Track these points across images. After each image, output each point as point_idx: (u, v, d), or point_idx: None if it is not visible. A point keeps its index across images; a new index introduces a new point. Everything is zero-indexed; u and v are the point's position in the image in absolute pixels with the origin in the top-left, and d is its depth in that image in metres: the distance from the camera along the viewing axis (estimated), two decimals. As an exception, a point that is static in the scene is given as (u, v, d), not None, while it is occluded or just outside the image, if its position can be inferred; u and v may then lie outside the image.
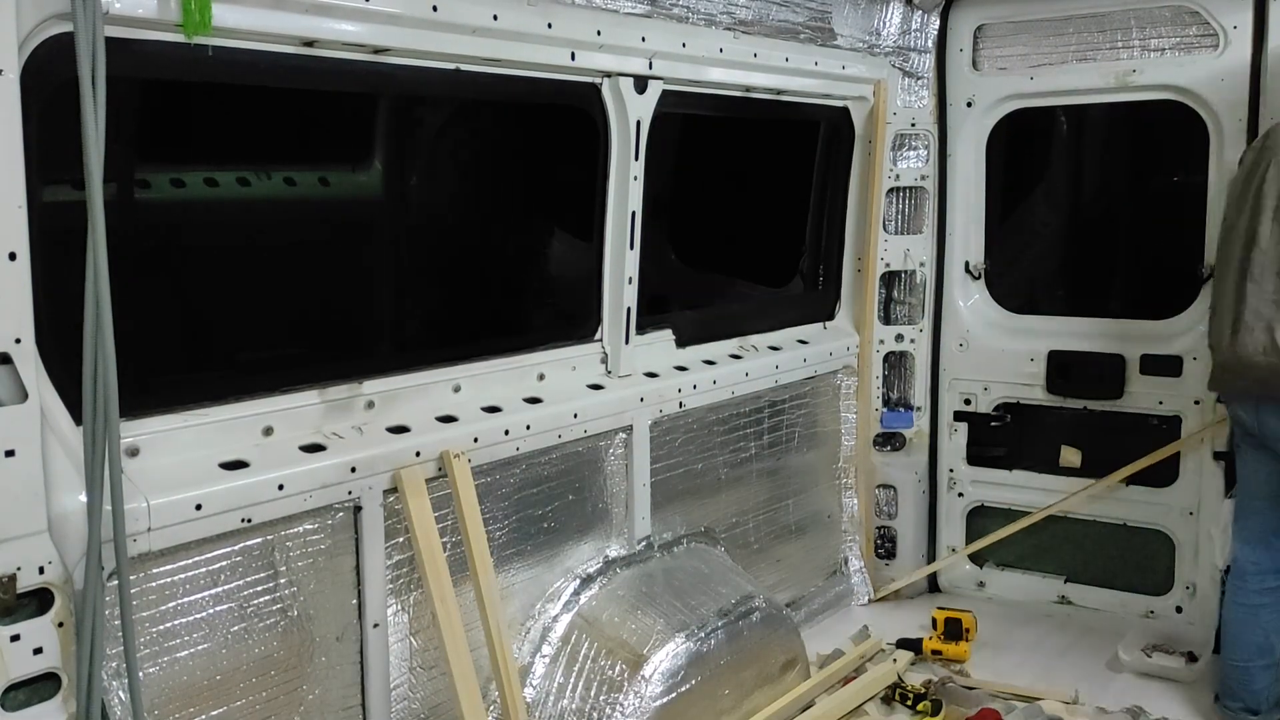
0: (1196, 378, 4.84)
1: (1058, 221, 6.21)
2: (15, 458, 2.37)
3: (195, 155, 4.31)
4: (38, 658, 2.45)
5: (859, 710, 4.41)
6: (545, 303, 5.33)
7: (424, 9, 3.15)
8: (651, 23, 3.93)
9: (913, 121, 5.35)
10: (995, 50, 5.27)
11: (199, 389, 3.03)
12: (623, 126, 3.98)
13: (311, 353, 4.27)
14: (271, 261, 4.37)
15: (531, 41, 3.51)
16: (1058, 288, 6.23)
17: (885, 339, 5.52)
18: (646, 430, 4.27)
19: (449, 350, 3.76)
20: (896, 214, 5.49)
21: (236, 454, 3.01)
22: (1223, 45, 4.72)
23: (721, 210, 5.93)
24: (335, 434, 3.26)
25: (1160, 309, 5.07)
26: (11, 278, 2.36)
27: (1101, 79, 5.02)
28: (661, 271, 5.77)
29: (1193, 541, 4.97)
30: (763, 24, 4.46)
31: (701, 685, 3.89)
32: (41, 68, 2.43)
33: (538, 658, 3.85)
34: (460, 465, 3.44)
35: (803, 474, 5.29)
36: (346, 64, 3.14)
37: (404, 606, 3.42)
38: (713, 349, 4.75)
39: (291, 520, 3.07)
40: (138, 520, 2.65)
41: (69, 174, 2.48)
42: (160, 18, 2.58)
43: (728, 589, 4.26)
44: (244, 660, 3.00)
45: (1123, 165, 6.14)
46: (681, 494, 4.56)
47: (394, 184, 4.99)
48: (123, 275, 2.50)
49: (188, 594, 2.86)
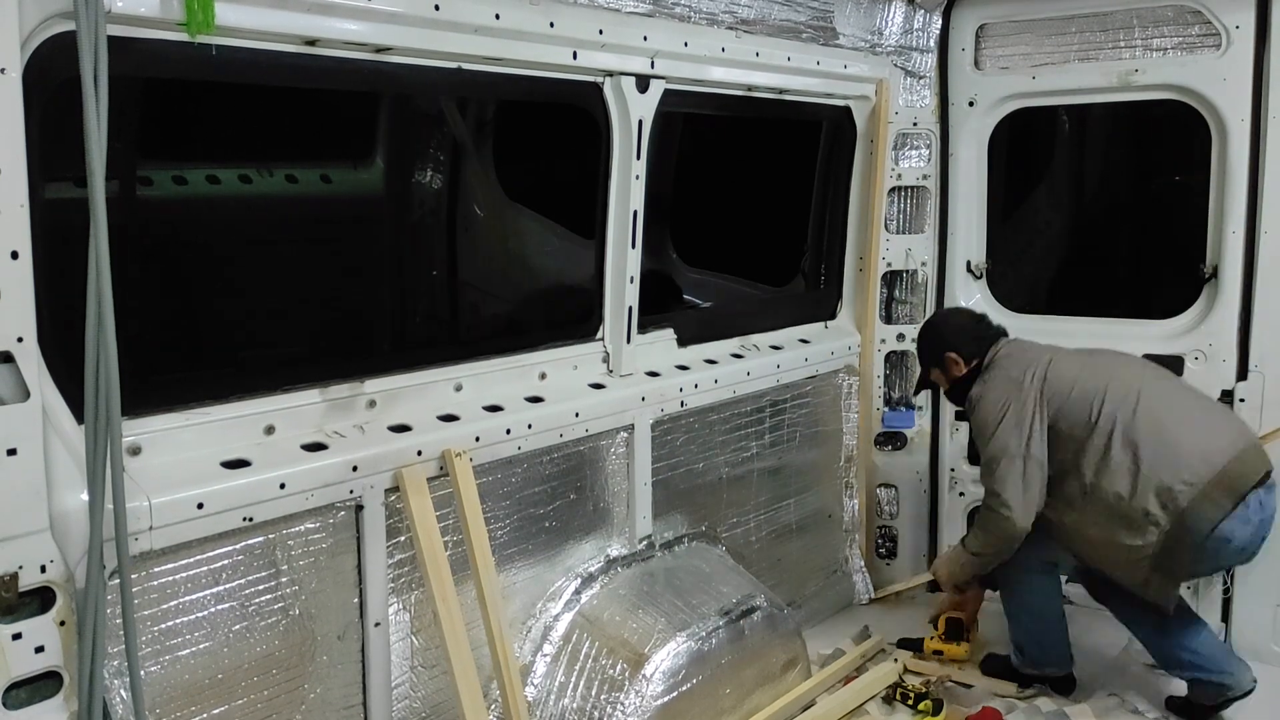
0: (1198, 378, 4.84)
1: (1059, 221, 6.21)
2: (17, 456, 2.37)
3: (197, 153, 4.31)
4: (39, 656, 2.46)
5: (860, 710, 4.41)
6: (547, 301, 5.32)
7: (426, 8, 3.15)
8: (653, 22, 3.93)
9: (915, 121, 5.34)
10: (997, 49, 5.26)
11: (201, 387, 3.03)
12: (624, 126, 3.98)
13: (313, 351, 4.27)
14: (273, 259, 4.37)
15: (533, 40, 3.51)
16: (1059, 287, 6.23)
17: (887, 338, 5.52)
18: (648, 429, 4.27)
19: (450, 349, 3.76)
20: (898, 213, 5.48)
21: (238, 453, 3.01)
22: (1225, 45, 4.72)
23: (723, 209, 5.93)
24: (337, 433, 3.26)
25: (1162, 309, 5.06)
26: (14, 276, 2.36)
27: (1104, 78, 5.01)
28: (662, 270, 5.78)
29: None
30: (765, 23, 4.46)
31: (702, 684, 3.89)
32: (44, 66, 2.43)
33: (539, 657, 3.85)
34: (462, 464, 3.44)
35: (804, 473, 5.29)
36: (349, 63, 3.14)
37: (405, 605, 3.42)
38: (714, 348, 4.75)
39: (293, 519, 3.07)
40: (139, 519, 2.65)
41: (71, 172, 2.47)
42: (163, 16, 2.58)
43: (729, 588, 4.26)
44: (245, 659, 3.00)
45: (1125, 165, 6.14)
46: (683, 493, 4.56)
47: (395, 181, 4.99)
48: (125, 273, 2.50)
49: (189, 593, 2.86)
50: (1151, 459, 3.96)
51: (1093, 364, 4.26)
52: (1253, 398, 4.76)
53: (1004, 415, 4.16)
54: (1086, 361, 4.28)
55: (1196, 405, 4.25)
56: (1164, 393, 4.18)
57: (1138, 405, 4.04)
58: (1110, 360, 4.33)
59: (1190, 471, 3.92)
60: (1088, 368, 4.23)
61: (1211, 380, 4.84)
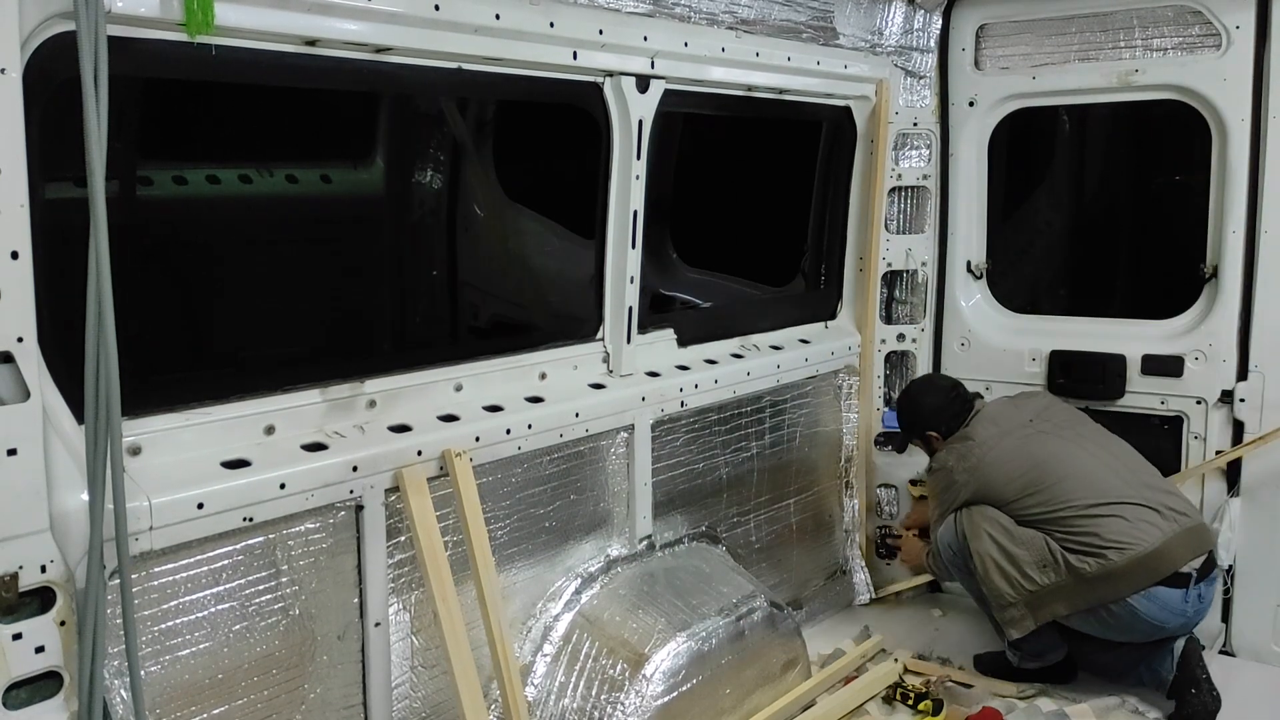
0: (1198, 378, 4.84)
1: (1060, 221, 6.20)
2: (17, 456, 2.37)
3: (197, 153, 4.30)
4: (39, 656, 2.46)
5: (860, 710, 4.41)
6: (547, 301, 5.32)
7: (426, 8, 3.15)
8: (654, 22, 3.93)
9: (915, 121, 5.34)
10: (997, 50, 5.26)
11: (201, 388, 3.03)
12: (625, 126, 3.98)
13: (313, 351, 4.27)
14: (273, 259, 4.37)
15: (533, 40, 3.51)
16: (1059, 287, 6.23)
17: (887, 338, 5.53)
18: (648, 429, 4.27)
19: (450, 349, 3.75)
20: (898, 213, 5.49)
21: (238, 453, 3.01)
22: (1225, 45, 4.72)
23: (723, 209, 5.92)
24: (337, 433, 3.26)
25: (1162, 309, 5.06)
26: (14, 276, 2.36)
27: (1104, 79, 5.02)
28: (663, 270, 5.77)
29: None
30: (765, 23, 4.46)
31: (702, 685, 3.89)
32: (44, 66, 2.43)
33: (539, 657, 3.85)
34: (462, 464, 3.44)
35: (804, 473, 5.29)
36: (349, 63, 3.14)
37: (405, 605, 3.42)
38: (714, 348, 4.75)
39: (293, 519, 3.07)
40: (139, 519, 2.65)
41: (71, 172, 2.47)
42: (163, 17, 2.58)
43: (729, 588, 4.26)
44: (245, 659, 3.00)
45: (1125, 165, 6.13)
46: (683, 493, 4.56)
47: (395, 181, 4.98)
48: (125, 273, 2.50)
49: (189, 593, 2.86)
50: (1068, 538, 4.22)
51: (1029, 452, 4.44)
52: (1253, 398, 4.76)
53: (940, 490, 4.63)
54: (1026, 450, 4.45)
55: (1130, 487, 4.32)
56: (1097, 476, 4.32)
57: (1065, 497, 4.28)
58: (1055, 447, 4.45)
59: (1113, 550, 4.12)
60: (1026, 457, 4.42)
61: (1211, 380, 4.85)
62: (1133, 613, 4.15)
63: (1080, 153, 6.24)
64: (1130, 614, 4.16)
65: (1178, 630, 4.25)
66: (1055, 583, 4.20)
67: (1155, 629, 4.21)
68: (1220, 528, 4.77)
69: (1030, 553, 4.25)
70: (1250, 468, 4.81)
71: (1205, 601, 4.24)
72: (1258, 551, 4.80)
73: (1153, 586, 4.11)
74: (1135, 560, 4.10)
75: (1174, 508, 4.26)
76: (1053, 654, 4.55)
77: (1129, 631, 4.27)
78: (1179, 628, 4.24)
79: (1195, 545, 4.20)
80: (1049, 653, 4.55)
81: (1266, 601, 4.82)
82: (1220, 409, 4.84)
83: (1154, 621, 4.17)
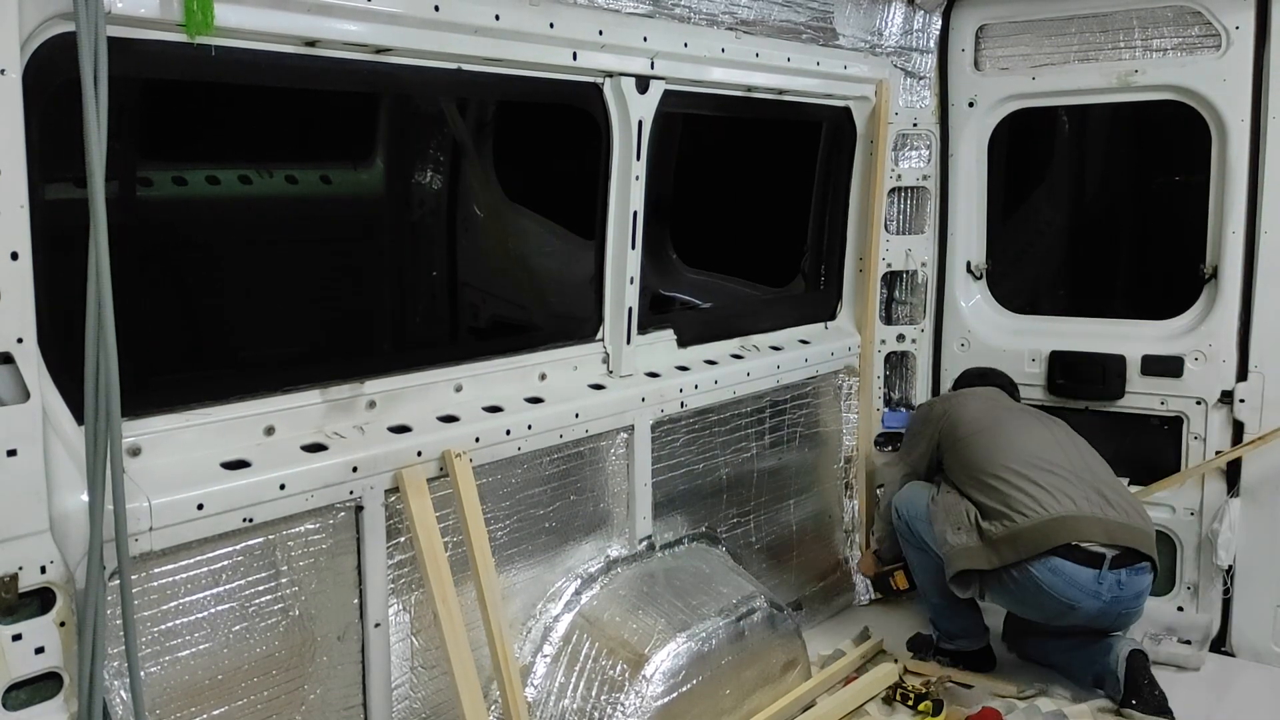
0: (1198, 378, 4.84)
1: (1059, 222, 6.20)
2: (17, 457, 2.37)
3: (197, 153, 4.31)
4: (39, 657, 2.46)
5: (860, 710, 4.41)
6: (547, 302, 5.32)
7: (426, 9, 3.15)
8: (653, 22, 3.93)
9: (914, 121, 5.35)
10: (997, 50, 5.27)
11: (201, 388, 3.02)
12: (624, 126, 3.98)
13: (313, 352, 4.27)
14: (273, 260, 4.37)
15: (533, 41, 3.51)
16: (1059, 288, 6.23)
17: (887, 339, 5.53)
18: (648, 430, 4.27)
19: (450, 350, 3.75)
20: (898, 214, 5.49)
21: (238, 453, 3.01)
22: (1225, 45, 4.72)
23: (723, 210, 5.92)
24: (337, 433, 3.26)
25: (1162, 309, 5.07)
26: (13, 277, 2.36)
27: (1104, 79, 5.02)
28: (662, 271, 5.77)
29: (1195, 542, 4.97)
30: (765, 24, 4.46)
31: (702, 685, 3.89)
32: (44, 67, 2.43)
33: (539, 657, 3.85)
34: (462, 465, 3.44)
35: (804, 474, 5.29)
36: (348, 64, 3.14)
37: (405, 606, 3.42)
38: (714, 349, 4.75)
39: (293, 520, 3.07)
40: (139, 520, 2.65)
41: (71, 173, 2.47)
42: (163, 17, 2.58)
43: (729, 589, 4.26)
44: (245, 660, 3.00)
45: (1124, 166, 6.13)
46: (683, 494, 4.56)
47: (395, 182, 4.98)
48: (125, 274, 2.50)
49: (189, 593, 2.86)
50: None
51: (997, 411, 4.72)
52: (1253, 398, 4.76)
53: (920, 423, 4.96)
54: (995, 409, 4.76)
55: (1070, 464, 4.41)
56: (1043, 445, 4.47)
57: (1004, 446, 4.47)
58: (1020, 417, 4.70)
59: (1019, 514, 4.20)
60: (990, 410, 4.73)
61: (1211, 381, 4.85)
62: (1035, 583, 4.14)
63: (1080, 153, 6.24)
64: (1033, 584, 4.14)
65: (1096, 616, 4.20)
66: (964, 544, 4.28)
67: (1065, 607, 4.16)
68: (1220, 528, 4.78)
69: (951, 518, 4.38)
70: (1250, 468, 4.81)
71: (1127, 590, 4.16)
72: (1258, 551, 4.81)
73: (1053, 557, 4.10)
74: (1035, 525, 4.14)
75: (1113, 501, 4.25)
76: (967, 640, 4.72)
77: (1039, 608, 4.27)
78: (1097, 613, 4.18)
79: (1116, 534, 4.15)
80: (962, 638, 4.72)
81: (1266, 601, 4.82)
82: (1220, 409, 4.84)
83: (1060, 597, 4.13)
